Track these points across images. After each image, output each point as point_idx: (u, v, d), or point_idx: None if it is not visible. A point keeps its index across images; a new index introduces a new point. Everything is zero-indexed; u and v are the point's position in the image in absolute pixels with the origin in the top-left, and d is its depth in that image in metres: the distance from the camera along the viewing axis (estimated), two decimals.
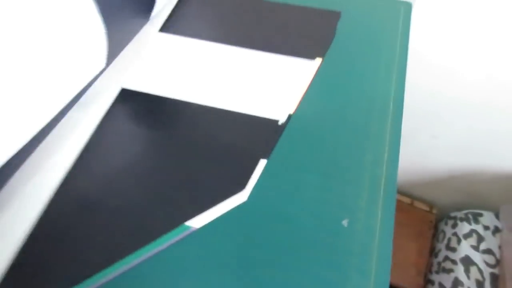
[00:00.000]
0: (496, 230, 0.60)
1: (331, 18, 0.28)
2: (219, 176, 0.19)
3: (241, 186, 0.19)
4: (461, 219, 0.64)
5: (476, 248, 0.59)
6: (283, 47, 0.26)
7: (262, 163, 0.20)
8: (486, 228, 0.61)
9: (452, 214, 0.67)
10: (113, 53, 0.24)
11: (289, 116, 0.22)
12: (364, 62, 0.25)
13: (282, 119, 0.22)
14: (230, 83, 0.24)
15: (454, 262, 0.59)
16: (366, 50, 0.26)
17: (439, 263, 0.62)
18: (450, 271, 0.58)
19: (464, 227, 0.62)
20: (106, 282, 0.16)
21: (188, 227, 0.18)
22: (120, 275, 0.16)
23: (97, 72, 0.22)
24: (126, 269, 0.16)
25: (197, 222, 0.18)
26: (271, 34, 0.27)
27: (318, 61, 0.25)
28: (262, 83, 0.24)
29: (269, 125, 0.22)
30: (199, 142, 0.21)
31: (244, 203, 0.19)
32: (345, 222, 0.18)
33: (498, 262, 0.56)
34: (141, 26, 0.27)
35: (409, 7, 0.30)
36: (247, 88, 0.24)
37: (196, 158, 0.20)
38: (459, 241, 0.61)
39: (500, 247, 0.58)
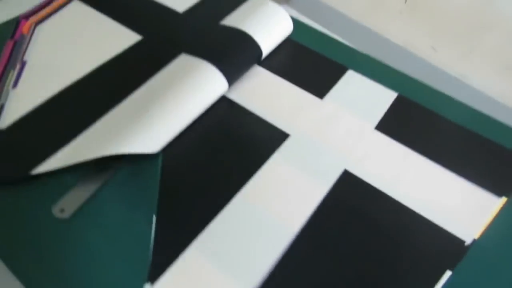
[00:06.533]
0: None
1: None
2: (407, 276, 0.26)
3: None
4: None
5: None
6: (468, 173, 0.32)
7: (447, 274, 0.26)
8: None
9: None
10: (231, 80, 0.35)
11: (474, 241, 0.28)
12: None
13: (468, 241, 0.28)
14: (424, 191, 0.30)
15: None
16: None
17: None
18: None
19: None
20: None
21: None
22: None
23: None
24: None
25: None
26: (456, 155, 0.33)
27: (503, 199, 0.30)
28: (449, 199, 0.30)
29: (455, 241, 0.28)
30: (391, 239, 0.28)
31: None
32: None
33: None
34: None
35: None
36: (437, 199, 0.30)
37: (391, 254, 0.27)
38: None
39: None
